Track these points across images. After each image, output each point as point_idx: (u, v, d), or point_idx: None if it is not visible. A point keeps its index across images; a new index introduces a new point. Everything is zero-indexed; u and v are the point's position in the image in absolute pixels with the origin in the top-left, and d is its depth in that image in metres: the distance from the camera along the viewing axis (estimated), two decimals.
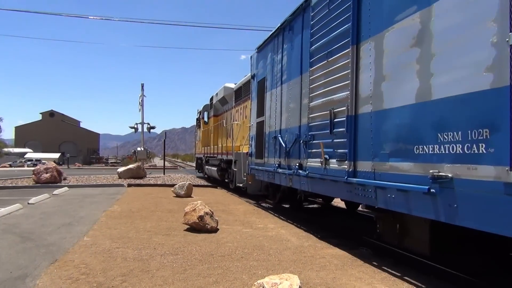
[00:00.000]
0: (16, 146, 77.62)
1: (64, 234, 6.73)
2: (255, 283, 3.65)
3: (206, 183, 18.65)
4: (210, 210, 7.35)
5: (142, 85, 23.24)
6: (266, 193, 11.16)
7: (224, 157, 14.93)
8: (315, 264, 5.14)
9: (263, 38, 10.14)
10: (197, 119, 24.15)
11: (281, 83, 8.38)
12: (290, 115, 7.84)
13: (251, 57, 11.20)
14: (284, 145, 7.92)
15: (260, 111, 10.07)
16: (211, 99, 20.12)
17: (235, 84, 16.15)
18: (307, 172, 6.80)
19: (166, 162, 29.03)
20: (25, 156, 61.03)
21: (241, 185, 12.14)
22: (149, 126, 23.25)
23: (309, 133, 6.66)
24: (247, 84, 13.32)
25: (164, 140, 27.44)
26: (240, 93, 14.67)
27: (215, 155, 17.04)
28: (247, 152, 11.55)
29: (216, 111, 19.60)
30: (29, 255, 5.42)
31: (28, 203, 10.61)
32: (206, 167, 20.13)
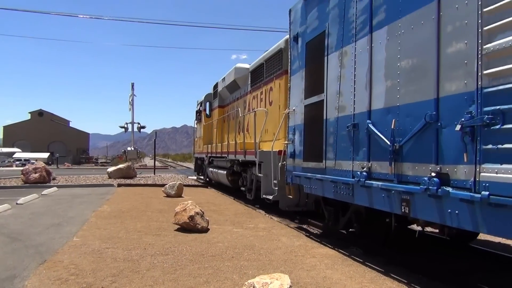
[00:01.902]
0: (4, 146, 76.59)
1: (53, 235, 6.67)
2: (246, 282, 3.66)
3: (196, 183, 18.60)
4: (201, 210, 7.34)
5: (133, 85, 23.17)
6: (315, 210, 7.94)
7: (240, 157, 11.41)
8: (305, 263, 5.16)
9: (258, 38, 8.54)
10: (196, 112, 20.52)
11: (371, 31, 5.18)
12: (400, 83, 4.56)
13: (290, 10, 7.89)
14: (385, 139, 4.72)
15: (313, 88, 6.80)
16: (215, 86, 17.18)
17: (250, 64, 13.08)
18: (484, 192, 3.31)
19: (156, 162, 28.90)
20: (13, 156, 60.27)
21: (270, 197, 8.94)
22: (139, 125, 23.17)
23: (485, 109, 3.37)
24: (272, 59, 10.53)
25: (155, 140, 27.34)
26: (261, 73, 11.52)
27: (224, 155, 13.58)
28: (279, 151, 8.68)
29: (222, 100, 16.58)
30: (17, 255, 5.36)
31: (17, 203, 10.49)
32: (210, 169, 16.35)
